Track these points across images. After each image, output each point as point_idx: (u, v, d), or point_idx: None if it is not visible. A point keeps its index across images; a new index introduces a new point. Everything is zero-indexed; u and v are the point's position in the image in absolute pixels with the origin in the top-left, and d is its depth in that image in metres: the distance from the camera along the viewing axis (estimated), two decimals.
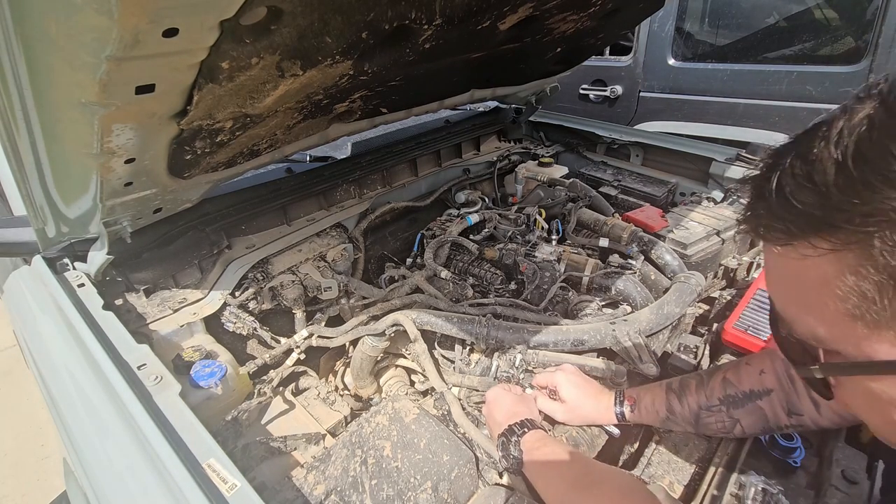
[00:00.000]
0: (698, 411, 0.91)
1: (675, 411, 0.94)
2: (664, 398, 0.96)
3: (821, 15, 2.94)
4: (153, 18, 0.52)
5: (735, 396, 0.88)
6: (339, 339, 1.37)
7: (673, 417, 0.94)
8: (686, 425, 0.94)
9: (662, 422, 0.97)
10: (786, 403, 0.83)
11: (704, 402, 0.91)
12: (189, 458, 0.76)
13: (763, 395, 0.85)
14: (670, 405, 0.95)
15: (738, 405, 0.87)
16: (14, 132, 0.75)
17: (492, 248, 1.60)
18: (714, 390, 0.91)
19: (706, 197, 1.90)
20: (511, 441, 0.90)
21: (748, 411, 0.87)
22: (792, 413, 0.83)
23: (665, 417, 0.96)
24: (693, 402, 0.92)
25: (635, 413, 0.99)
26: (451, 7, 0.95)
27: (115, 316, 1.06)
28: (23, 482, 2.32)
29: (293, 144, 1.38)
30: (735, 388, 0.88)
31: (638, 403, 0.99)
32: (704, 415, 0.91)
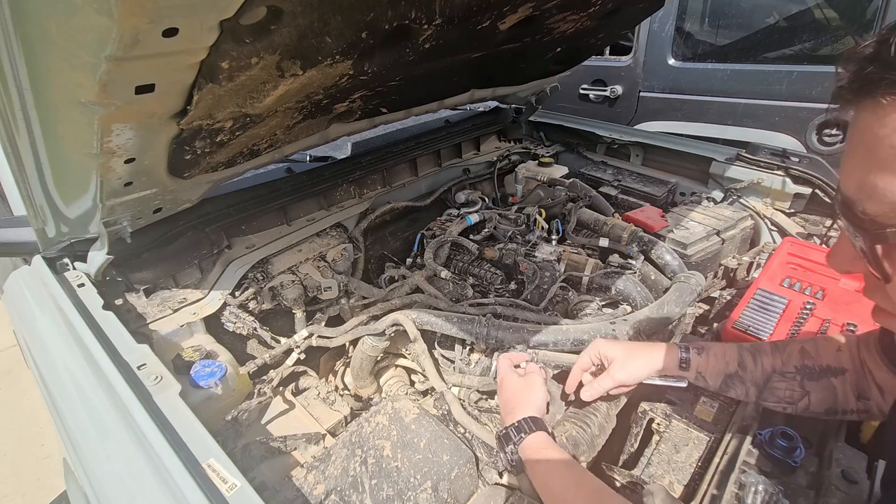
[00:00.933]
0: (771, 374, 0.88)
1: (747, 367, 0.90)
2: (736, 352, 0.92)
3: (821, 15, 2.94)
4: (153, 18, 0.52)
5: (812, 368, 0.86)
6: (339, 339, 1.37)
7: (742, 374, 0.90)
8: (751, 387, 0.90)
9: (727, 378, 0.92)
10: (856, 387, 0.82)
11: (780, 367, 0.88)
12: (189, 458, 0.76)
13: (838, 374, 0.83)
14: (742, 360, 0.91)
15: (813, 377, 0.85)
16: (14, 132, 0.75)
17: (492, 248, 1.60)
18: (791, 357, 0.88)
19: (706, 197, 1.90)
20: (507, 446, 0.88)
21: (821, 386, 0.85)
22: (861, 397, 0.81)
23: (733, 372, 0.91)
24: (768, 363, 0.89)
25: (702, 358, 0.94)
26: (451, 7, 0.95)
27: (115, 316, 1.06)
28: (23, 482, 2.32)
29: (293, 144, 1.38)
30: (812, 360, 0.86)
31: (706, 351, 0.94)
32: (776, 379, 0.88)
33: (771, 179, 1.79)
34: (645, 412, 1.06)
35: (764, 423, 0.95)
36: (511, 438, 0.88)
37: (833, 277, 1.29)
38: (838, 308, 1.19)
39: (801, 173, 1.73)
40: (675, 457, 0.95)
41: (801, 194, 1.75)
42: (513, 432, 0.88)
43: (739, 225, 1.67)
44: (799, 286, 1.28)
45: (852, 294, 1.24)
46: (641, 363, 0.98)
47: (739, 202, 1.83)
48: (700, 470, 0.92)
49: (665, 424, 1.02)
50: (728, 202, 1.84)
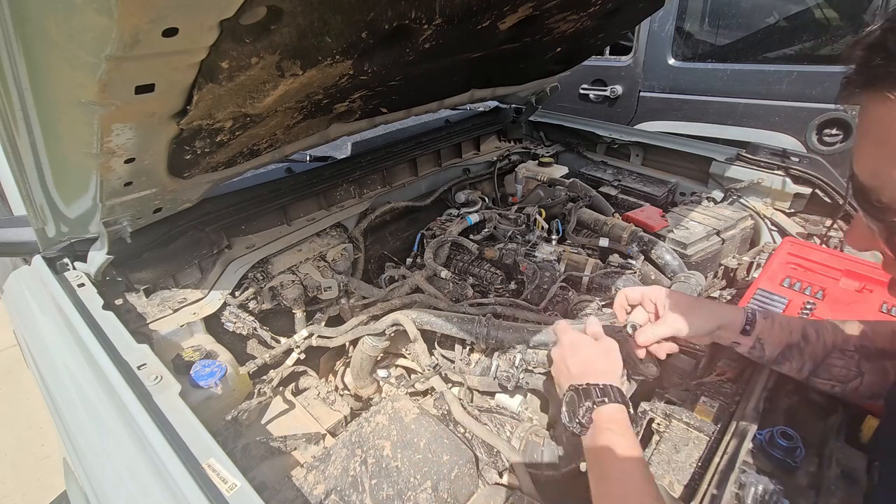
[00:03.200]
0: (832, 349, 0.86)
1: (810, 339, 0.88)
2: (800, 323, 0.90)
3: (821, 15, 2.94)
4: (153, 18, 0.52)
5: (869, 349, 0.84)
6: (339, 339, 1.37)
7: (803, 346, 0.88)
8: (808, 361, 0.88)
9: (787, 348, 0.89)
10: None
11: (841, 343, 0.86)
12: (189, 457, 0.76)
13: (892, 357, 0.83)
14: (806, 331, 0.88)
15: (870, 359, 0.84)
16: (14, 132, 0.75)
17: (492, 248, 1.60)
18: (852, 336, 0.87)
19: (706, 197, 1.90)
20: (583, 405, 0.79)
21: (875, 368, 0.84)
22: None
23: (795, 343, 0.89)
24: (830, 339, 0.87)
25: (767, 323, 0.89)
26: (451, 7, 0.95)
27: (115, 316, 1.06)
28: (23, 482, 2.32)
29: (293, 144, 1.38)
30: (871, 340, 0.85)
31: (772, 318, 0.90)
32: (836, 356, 0.86)
33: (771, 179, 1.79)
34: (645, 412, 1.06)
35: (764, 423, 0.95)
36: (592, 397, 0.80)
37: (833, 277, 1.29)
38: (838, 308, 1.19)
39: (801, 173, 1.73)
40: (675, 457, 0.95)
41: (801, 194, 1.75)
42: (596, 391, 0.81)
43: (739, 225, 1.67)
44: (799, 286, 1.27)
45: (852, 294, 1.24)
46: (706, 313, 0.90)
47: (739, 202, 1.83)
48: (700, 470, 0.92)
49: (665, 424, 1.02)
50: (728, 202, 1.84)
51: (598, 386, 0.82)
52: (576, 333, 0.94)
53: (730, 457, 0.90)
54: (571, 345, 0.91)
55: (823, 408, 1.04)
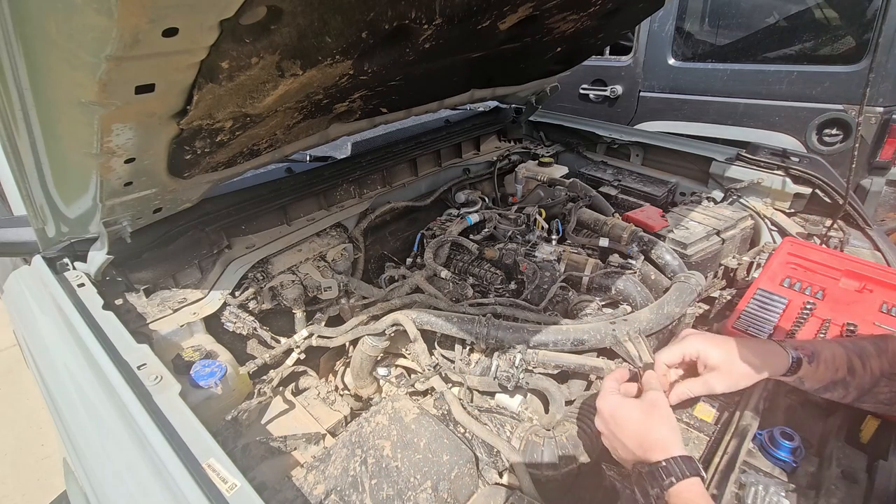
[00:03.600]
0: (879, 377, 0.82)
1: (857, 373, 0.83)
2: (845, 356, 0.83)
3: (821, 15, 2.94)
4: (153, 18, 0.52)
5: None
6: (339, 339, 1.37)
7: (850, 380, 0.83)
8: (853, 391, 0.83)
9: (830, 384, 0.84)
10: None
11: (887, 369, 0.82)
12: (189, 457, 0.76)
13: None
14: (852, 366, 0.83)
15: None
16: (14, 132, 0.75)
17: (492, 248, 1.60)
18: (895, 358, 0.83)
19: (706, 197, 1.90)
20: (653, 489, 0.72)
21: None
22: None
23: (840, 379, 0.83)
24: (876, 367, 0.82)
25: (813, 365, 0.84)
26: (451, 7, 0.95)
27: (115, 316, 1.06)
28: (23, 482, 2.32)
29: (293, 144, 1.38)
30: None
31: (817, 356, 0.84)
32: (883, 383, 0.82)
33: (771, 179, 1.79)
34: None
35: (764, 423, 0.95)
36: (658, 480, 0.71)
37: (833, 278, 1.29)
38: (838, 308, 1.19)
39: (801, 173, 1.73)
40: None
41: (801, 194, 1.75)
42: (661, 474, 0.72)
43: (739, 225, 1.67)
44: (799, 286, 1.28)
45: (852, 294, 1.24)
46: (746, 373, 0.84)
47: (739, 202, 1.83)
48: None
49: None
50: (728, 202, 1.84)
51: (660, 465, 0.72)
52: (613, 399, 0.83)
53: (730, 457, 0.90)
54: (613, 417, 0.81)
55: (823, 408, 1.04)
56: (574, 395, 1.17)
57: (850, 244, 1.58)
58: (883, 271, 1.27)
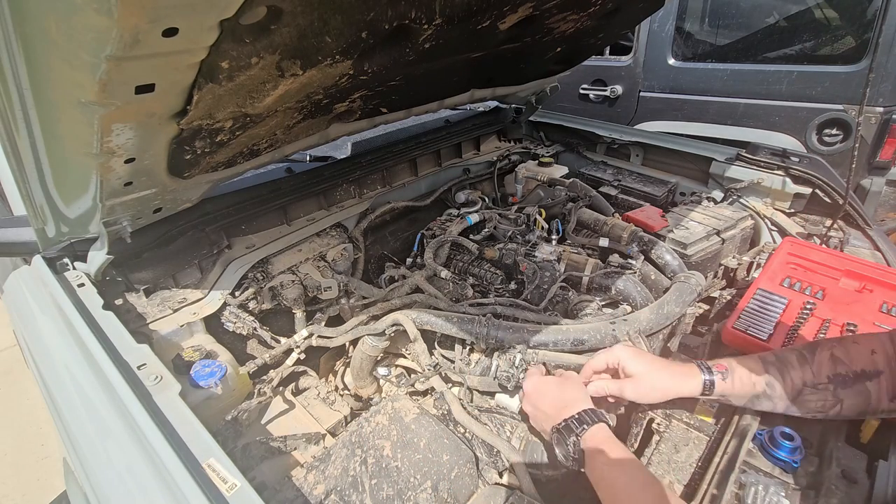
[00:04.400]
0: (802, 388, 0.85)
1: (776, 387, 0.86)
2: (762, 370, 0.88)
3: (821, 15, 2.94)
4: (153, 18, 0.52)
5: (845, 376, 0.82)
6: (339, 339, 1.37)
7: (770, 393, 0.87)
8: (780, 402, 0.86)
9: (754, 398, 0.89)
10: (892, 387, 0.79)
11: (811, 380, 0.84)
12: (189, 457, 0.76)
13: (873, 377, 0.80)
14: (771, 381, 0.87)
15: (846, 385, 0.82)
16: (14, 132, 0.75)
17: (492, 248, 1.60)
18: (822, 367, 0.84)
19: (706, 197, 1.90)
20: (568, 440, 0.83)
21: (854, 392, 0.82)
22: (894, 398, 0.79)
23: (761, 392, 0.88)
24: (798, 378, 0.85)
25: (727, 383, 0.89)
26: (451, 7, 0.95)
27: (115, 316, 1.06)
28: (23, 482, 2.32)
29: (293, 144, 1.38)
30: (846, 366, 0.83)
31: (731, 373, 0.90)
32: (808, 392, 0.84)
33: (771, 179, 1.79)
34: (645, 412, 1.06)
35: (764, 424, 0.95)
36: (573, 430, 0.84)
37: (833, 277, 1.29)
38: (838, 308, 1.19)
39: (801, 173, 1.73)
40: (675, 457, 0.95)
41: (801, 194, 1.75)
42: (574, 424, 0.85)
43: (739, 225, 1.67)
44: (799, 286, 1.27)
45: (852, 294, 1.24)
46: (660, 391, 0.92)
47: (739, 202, 1.83)
48: (700, 470, 0.92)
49: (665, 424, 1.02)
50: (728, 202, 1.84)
51: (574, 418, 0.85)
52: (535, 377, 0.99)
53: (730, 457, 0.90)
54: (535, 390, 0.96)
55: None
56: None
57: (850, 244, 1.58)
58: (883, 271, 1.27)
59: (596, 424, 0.84)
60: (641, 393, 0.93)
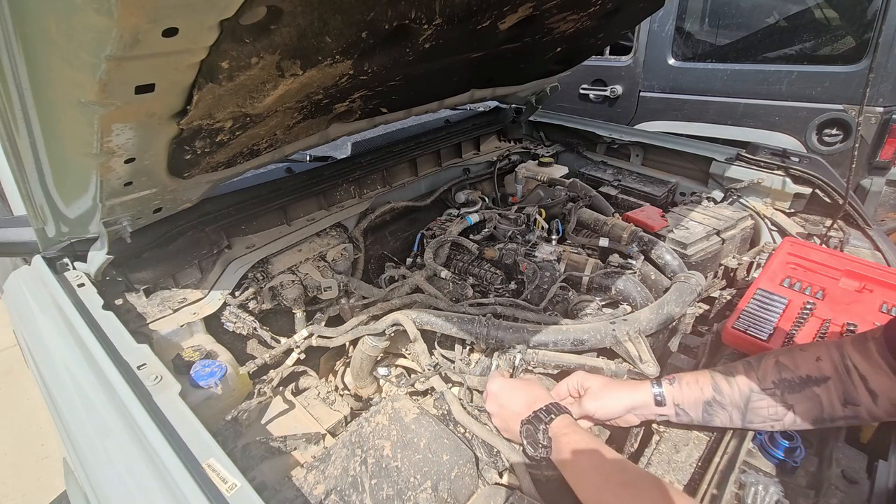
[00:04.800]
0: (749, 394, 0.86)
1: (724, 392, 0.89)
2: (709, 378, 0.91)
3: (821, 15, 2.94)
4: (153, 18, 0.52)
5: (791, 381, 0.83)
6: (339, 339, 1.37)
7: (719, 398, 0.89)
8: (733, 410, 0.89)
9: (706, 405, 0.91)
10: (842, 393, 0.80)
11: (757, 385, 0.86)
12: (189, 457, 0.76)
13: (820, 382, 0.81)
14: (717, 385, 0.89)
15: (793, 390, 0.83)
16: (14, 132, 0.75)
17: (492, 248, 1.60)
18: (767, 373, 0.86)
19: (706, 197, 1.90)
20: (539, 429, 0.88)
21: (804, 397, 0.82)
22: (848, 403, 0.79)
23: (710, 398, 0.90)
24: (744, 383, 0.87)
25: (676, 388, 0.94)
26: (451, 7, 0.95)
27: (115, 316, 1.06)
28: (23, 482, 2.32)
29: (293, 144, 1.38)
30: (791, 371, 0.84)
31: (678, 380, 0.94)
32: (756, 398, 0.86)
33: (771, 179, 1.79)
34: None
35: None
36: (542, 419, 0.89)
37: (833, 278, 1.29)
38: (838, 308, 1.19)
39: (801, 173, 1.73)
40: (675, 457, 0.95)
41: (801, 194, 1.75)
42: (542, 414, 0.90)
43: (739, 225, 1.67)
44: (799, 286, 1.27)
45: (852, 294, 1.24)
46: (614, 400, 0.97)
47: (739, 202, 1.83)
48: (700, 470, 0.92)
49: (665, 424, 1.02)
50: (728, 202, 1.84)
51: (542, 409, 0.91)
52: (500, 380, 1.03)
53: (730, 457, 0.90)
54: (502, 390, 1.00)
55: None
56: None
57: (850, 244, 1.58)
58: (883, 271, 1.27)
59: (562, 415, 0.90)
60: (600, 403, 0.98)
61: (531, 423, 0.90)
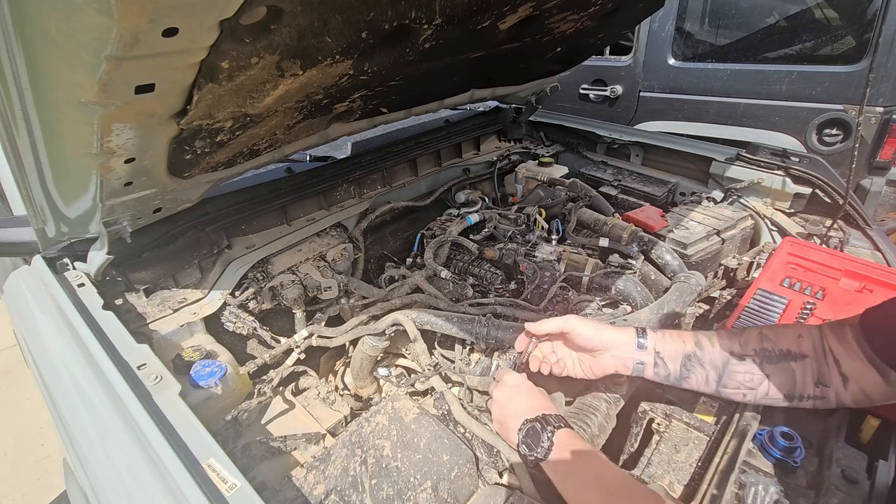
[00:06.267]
0: (729, 357, 0.89)
1: (705, 348, 0.91)
2: (693, 335, 0.93)
3: (821, 15, 2.94)
4: (153, 18, 0.52)
5: (771, 352, 0.86)
6: (339, 339, 1.37)
7: (699, 354, 0.91)
8: (710, 370, 0.90)
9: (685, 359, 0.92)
10: (816, 373, 0.82)
11: (738, 350, 0.88)
12: (189, 457, 0.76)
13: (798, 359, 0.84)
14: (699, 341, 0.91)
15: (771, 361, 0.85)
16: (14, 132, 0.75)
17: (492, 248, 1.60)
18: (750, 341, 0.88)
19: (706, 197, 1.90)
20: (545, 430, 0.88)
21: (780, 370, 0.85)
22: (819, 383, 0.82)
23: (691, 352, 0.92)
24: (726, 345, 0.89)
25: (658, 336, 0.95)
26: (451, 7, 0.95)
27: (115, 316, 1.06)
28: (23, 482, 2.32)
29: (293, 144, 1.38)
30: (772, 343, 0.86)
31: (663, 333, 0.96)
32: (734, 362, 0.88)
33: (771, 179, 1.79)
34: (645, 412, 1.06)
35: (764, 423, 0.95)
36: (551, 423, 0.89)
37: (833, 278, 1.29)
38: (838, 308, 1.19)
39: (801, 173, 1.73)
40: (675, 457, 0.95)
41: (801, 194, 1.75)
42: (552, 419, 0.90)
43: (739, 225, 1.67)
44: (799, 286, 1.27)
45: (852, 294, 1.24)
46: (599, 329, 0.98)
47: (739, 202, 1.83)
48: (700, 470, 0.92)
49: (665, 424, 1.02)
50: (728, 202, 1.84)
51: (553, 415, 0.91)
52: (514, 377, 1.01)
53: (730, 457, 0.90)
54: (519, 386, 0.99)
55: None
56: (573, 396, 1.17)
57: (850, 244, 1.58)
58: (883, 271, 1.27)
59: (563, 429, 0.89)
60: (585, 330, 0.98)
61: (539, 423, 0.89)
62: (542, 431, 0.88)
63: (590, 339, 0.98)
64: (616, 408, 1.08)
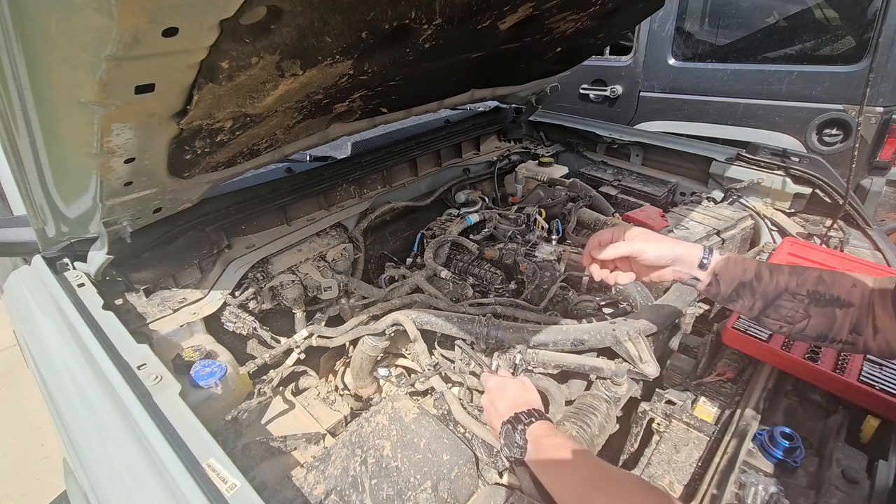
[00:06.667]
0: (783, 292, 0.89)
1: (763, 279, 0.91)
2: (755, 265, 0.93)
3: (821, 15, 2.94)
4: (153, 18, 0.52)
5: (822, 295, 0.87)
6: (339, 339, 1.37)
7: (755, 285, 0.92)
8: (759, 300, 0.91)
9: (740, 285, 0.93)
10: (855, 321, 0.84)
11: (794, 287, 0.89)
12: (189, 457, 0.76)
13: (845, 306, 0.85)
14: (760, 273, 0.92)
15: (820, 304, 0.87)
16: (14, 132, 0.75)
17: (492, 248, 1.60)
18: (807, 281, 0.89)
19: (706, 197, 1.90)
20: (517, 429, 0.89)
21: (824, 314, 0.86)
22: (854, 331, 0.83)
23: (748, 281, 0.92)
24: (783, 281, 0.90)
25: (723, 260, 0.95)
26: (451, 7, 0.95)
27: (115, 316, 1.06)
28: (23, 482, 2.32)
29: (293, 144, 1.38)
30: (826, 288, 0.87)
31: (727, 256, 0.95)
32: (786, 298, 0.89)
33: (771, 179, 1.79)
34: (645, 412, 1.06)
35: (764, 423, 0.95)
36: (522, 421, 0.90)
37: None
38: None
39: (801, 173, 1.73)
40: (675, 457, 0.96)
41: (801, 194, 1.75)
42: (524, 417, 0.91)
43: (739, 225, 1.67)
44: None
45: None
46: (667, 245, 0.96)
47: (739, 202, 1.83)
48: (700, 470, 0.92)
49: (665, 424, 1.02)
50: (728, 202, 1.84)
51: (524, 412, 0.92)
52: (499, 377, 1.03)
53: (730, 457, 0.90)
54: (497, 387, 1.00)
55: (823, 408, 1.04)
56: (574, 395, 1.17)
57: (850, 244, 1.58)
58: (883, 271, 1.27)
59: (543, 420, 0.91)
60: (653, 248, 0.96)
61: (510, 424, 0.91)
62: (514, 431, 0.89)
63: (658, 258, 0.96)
64: (616, 408, 1.08)
